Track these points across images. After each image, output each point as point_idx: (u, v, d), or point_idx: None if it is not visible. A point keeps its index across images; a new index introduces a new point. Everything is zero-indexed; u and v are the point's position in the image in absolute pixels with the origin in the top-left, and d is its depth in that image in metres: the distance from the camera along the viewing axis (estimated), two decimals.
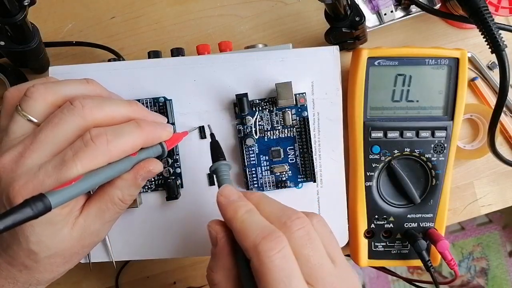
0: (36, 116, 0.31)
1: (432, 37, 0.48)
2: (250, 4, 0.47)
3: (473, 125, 0.48)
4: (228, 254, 0.29)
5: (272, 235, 0.26)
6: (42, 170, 0.29)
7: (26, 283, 0.32)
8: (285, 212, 0.29)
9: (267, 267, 0.26)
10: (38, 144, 0.29)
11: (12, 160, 0.29)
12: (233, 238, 0.29)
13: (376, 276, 1.32)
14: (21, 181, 0.28)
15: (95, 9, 0.47)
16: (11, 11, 0.34)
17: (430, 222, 0.42)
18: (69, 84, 0.33)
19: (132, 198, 0.33)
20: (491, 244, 1.37)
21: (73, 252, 0.33)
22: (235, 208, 0.29)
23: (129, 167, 0.32)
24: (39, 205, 0.24)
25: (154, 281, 0.48)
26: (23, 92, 0.31)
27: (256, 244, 0.26)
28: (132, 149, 0.31)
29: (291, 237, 0.27)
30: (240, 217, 0.28)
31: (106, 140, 0.30)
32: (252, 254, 0.26)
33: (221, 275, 0.29)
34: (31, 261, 0.31)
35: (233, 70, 0.38)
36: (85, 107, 0.30)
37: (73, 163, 0.29)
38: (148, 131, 0.32)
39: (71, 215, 0.31)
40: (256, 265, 0.26)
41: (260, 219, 0.28)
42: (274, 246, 0.26)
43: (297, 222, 0.28)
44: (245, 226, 0.28)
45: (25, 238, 0.30)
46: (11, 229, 0.22)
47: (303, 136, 0.38)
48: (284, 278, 0.26)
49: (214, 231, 0.30)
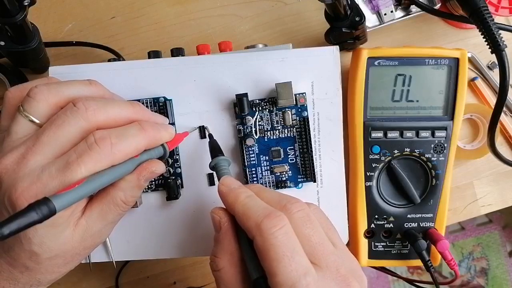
0: (39, 117, 0.31)
1: (432, 37, 0.48)
2: (250, 4, 0.47)
3: (473, 125, 0.48)
4: (231, 238, 0.30)
5: (274, 213, 0.28)
6: (45, 172, 0.29)
7: (27, 284, 0.32)
8: (284, 197, 0.31)
9: (270, 243, 0.27)
10: (40, 145, 0.29)
11: (15, 161, 0.29)
12: (235, 222, 0.30)
13: (376, 276, 1.32)
14: (24, 183, 0.28)
15: (95, 9, 0.47)
16: (11, 11, 0.34)
17: (430, 222, 0.42)
18: (72, 85, 0.33)
19: (134, 200, 0.33)
20: (491, 244, 1.37)
21: (74, 253, 0.33)
22: (236, 194, 0.30)
23: (131, 168, 0.32)
24: (43, 209, 0.24)
25: (154, 281, 0.48)
26: (25, 92, 0.31)
27: (259, 222, 0.27)
28: (136, 152, 0.32)
29: (292, 218, 0.28)
30: (241, 201, 0.29)
31: (110, 143, 0.30)
32: (255, 233, 0.27)
33: (225, 260, 0.29)
34: (33, 263, 0.31)
35: (233, 70, 0.38)
36: (89, 109, 0.30)
37: (77, 166, 0.28)
38: (151, 133, 0.32)
39: (73, 217, 0.31)
40: (259, 243, 0.27)
41: (261, 202, 0.29)
42: (276, 223, 0.27)
43: (297, 205, 0.29)
44: (247, 208, 0.29)
45: (27, 240, 0.30)
46: (16, 234, 0.22)
47: (303, 136, 0.38)
48: (288, 253, 0.26)
49: (217, 215, 0.31)
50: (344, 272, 0.28)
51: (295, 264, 0.26)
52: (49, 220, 0.29)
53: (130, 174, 0.32)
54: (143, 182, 0.32)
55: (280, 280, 0.26)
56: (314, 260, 0.28)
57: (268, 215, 0.27)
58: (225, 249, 0.30)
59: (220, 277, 0.29)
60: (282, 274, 0.26)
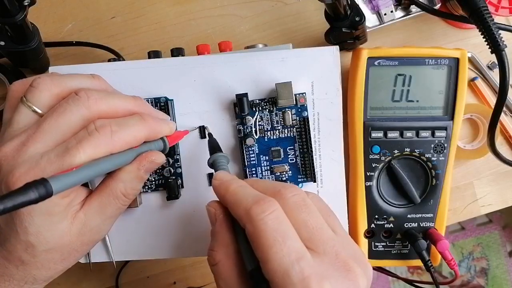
0: (41, 107, 0.31)
1: (432, 37, 0.48)
2: (250, 4, 0.47)
3: (473, 125, 0.48)
4: (227, 230, 0.29)
5: (264, 199, 0.27)
6: (44, 158, 0.28)
7: (22, 280, 0.32)
8: (279, 183, 0.30)
9: (260, 229, 0.26)
10: (41, 133, 0.29)
11: (14, 149, 0.29)
12: (230, 215, 0.29)
13: (376, 276, 1.32)
14: (22, 168, 0.28)
15: (95, 9, 0.47)
16: (11, 11, 0.34)
17: (430, 222, 0.42)
18: (75, 77, 0.33)
19: (134, 193, 0.33)
20: (491, 244, 1.37)
21: (71, 249, 0.32)
22: (227, 185, 0.29)
23: (131, 159, 0.32)
24: (40, 189, 0.23)
25: (154, 281, 0.48)
26: (28, 85, 0.31)
27: (248, 209, 0.26)
28: (135, 141, 0.32)
29: (286, 203, 0.27)
30: (232, 190, 0.29)
31: (110, 130, 0.30)
32: (246, 221, 0.26)
33: (221, 253, 0.29)
34: (29, 255, 0.31)
35: (233, 70, 0.38)
36: (90, 98, 0.30)
37: (76, 151, 0.28)
38: (151, 124, 0.32)
39: (71, 208, 0.31)
40: (250, 230, 0.26)
41: (252, 190, 0.29)
42: (266, 209, 0.26)
43: (291, 189, 0.28)
44: (238, 197, 0.28)
45: (23, 229, 0.30)
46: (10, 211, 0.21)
47: (303, 136, 0.38)
48: (279, 238, 0.25)
49: (212, 208, 0.30)
50: (345, 257, 0.27)
51: (287, 249, 0.25)
52: (46, 208, 0.29)
53: (130, 165, 0.32)
54: (143, 173, 0.32)
55: (273, 267, 0.25)
56: (311, 245, 0.26)
57: (258, 201, 0.26)
58: (221, 242, 0.29)
59: (218, 271, 0.29)
60: (274, 260, 0.25)
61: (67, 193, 0.30)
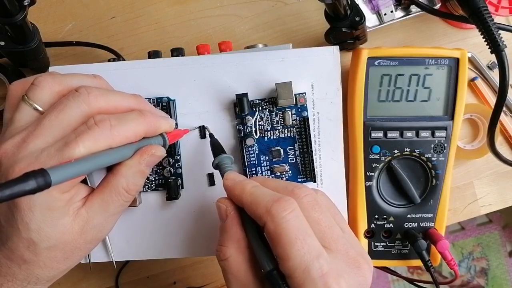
0: (42, 105, 0.31)
1: (432, 37, 0.48)
2: (250, 4, 0.47)
3: (473, 125, 0.48)
4: (238, 225, 0.30)
5: (283, 198, 0.28)
6: (44, 153, 0.29)
7: (25, 280, 0.32)
8: (290, 183, 0.31)
9: (282, 227, 0.27)
10: (41, 129, 0.29)
11: (15, 146, 0.29)
12: (241, 211, 0.30)
13: (376, 276, 1.32)
14: (22, 163, 0.28)
15: (95, 9, 0.47)
16: (11, 11, 0.34)
17: (430, 222, 0.42)
18: (77, 76, 0.33)
19: (136, 189, 0.33)
20: (491, 244, 1.37)
21: (74, 247, 0.32)
22: (242, 186, 0.30)
23: (130, 153, 0.32)
24: (39, 178, 0.23)
25: (154, 281, 0.48)
26: (28, 85, 0.32)
27: (269, 208, 0.27)
28: (135, 136, 0.32)
29: (300, 203, 0.29)
30: (248, 190, 0.30)
31: (110, 125, 0.30)
32: (266, 219, 0.27)
33: (232, 248, 0.30)
34: (31, 254, 0.31)
35: (233, 70, 0.38)
36: (91, 94, 0.31)
37: (75, 144, 0.29)
38: (150, 119, 0.33)
39: (72, 204, 0.31)
40: (271, 228, 0.27)
41: (268, 190, 0.30)
42: (287, 207, 0.27)
43: (304, 189, 0.30)
44: (255, 196, 0.29)
45: (25, 225, 0.30)
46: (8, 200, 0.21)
47: (303, 136, 0.38)
48: (300, 236, 0.27)
49: (223, 204, 0.31)
50: (354, 254, 0.29)
51: (307, 247, 0.26)
52: (46, 203, 0.29)
53: (131, 159, 0.32)
54: (144, 167, 0.32)
55: (294, 264, 0.26)
56: (324, 243, 0.28)
57: (278, 200, 0.28)
58: (232, 237, 0.30)
59: (228, 266, 0.29)
60: (296, 257, 0.26)
61: (67, 188, 0.30)
